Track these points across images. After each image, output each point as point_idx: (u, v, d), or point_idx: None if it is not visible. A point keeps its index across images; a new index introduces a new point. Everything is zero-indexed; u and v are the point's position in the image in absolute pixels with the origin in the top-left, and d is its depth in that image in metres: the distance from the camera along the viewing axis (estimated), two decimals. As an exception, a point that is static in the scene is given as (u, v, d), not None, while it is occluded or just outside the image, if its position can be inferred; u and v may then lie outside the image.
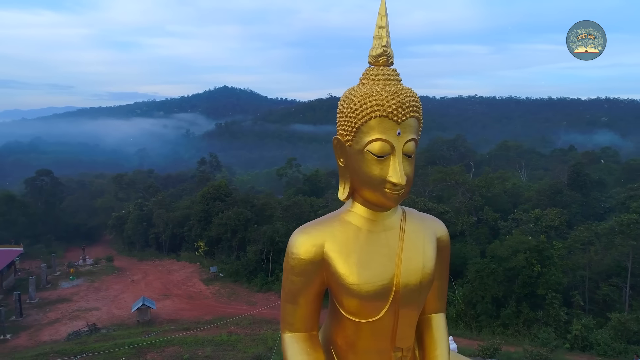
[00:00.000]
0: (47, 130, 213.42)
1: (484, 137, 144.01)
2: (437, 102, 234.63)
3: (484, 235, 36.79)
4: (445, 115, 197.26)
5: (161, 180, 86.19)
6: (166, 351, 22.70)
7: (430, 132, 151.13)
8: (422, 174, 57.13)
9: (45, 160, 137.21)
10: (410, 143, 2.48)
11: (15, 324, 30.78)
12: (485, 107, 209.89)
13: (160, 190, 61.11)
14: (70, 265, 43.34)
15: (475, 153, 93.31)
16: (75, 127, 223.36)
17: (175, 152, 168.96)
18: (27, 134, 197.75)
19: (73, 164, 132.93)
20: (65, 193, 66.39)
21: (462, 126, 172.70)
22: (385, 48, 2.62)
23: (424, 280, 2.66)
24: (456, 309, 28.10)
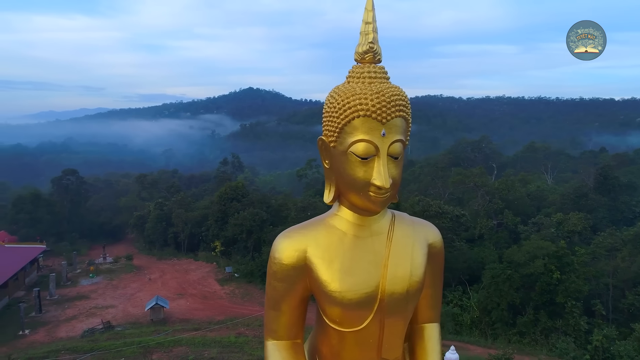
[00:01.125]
0: (79, 131, 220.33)
1: (511, 138, 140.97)
2: (463, 102, 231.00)
3: (504, 240, 35.74)
4: (472, 116, 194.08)
5: (185, 180, 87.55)
6: (174, 351, 22.77)
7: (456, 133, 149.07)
8: (443, 175, 56.24)
9: (76, 159, 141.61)
10: (396, 144, 2.37)
11: (34, 320, 31.54)
12: (513, 107, 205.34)
13: (181, 190, 61.90)
14: (91, 263, 44.29)
15: (500, 155, 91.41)
16: (105, 128, 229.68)
17: (201, 153, 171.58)
18: (60, 135, 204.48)
19: (102, 163, 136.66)
20: (90, 192, 68.08)
21: (489, 127, 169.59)
22: (372, 44, 2.51)
23: (411, 289, 2.54)
24: (470, 316, 27.29)
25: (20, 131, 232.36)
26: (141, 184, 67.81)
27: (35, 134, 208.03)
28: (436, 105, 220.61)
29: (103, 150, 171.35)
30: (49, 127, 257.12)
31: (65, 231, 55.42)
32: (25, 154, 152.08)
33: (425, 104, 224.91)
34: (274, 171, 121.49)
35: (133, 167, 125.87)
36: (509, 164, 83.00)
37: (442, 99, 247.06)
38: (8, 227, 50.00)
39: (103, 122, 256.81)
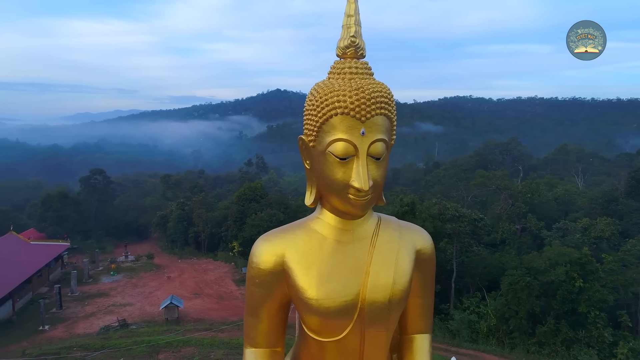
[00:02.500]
0: (112, 132, 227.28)
1: (543, 140, 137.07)
2: (493, 104, 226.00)
3: (527, 245, 34.41)
4: (502, 118, 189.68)
5: (210, 180, 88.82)
6: (182, 351, 22.81)
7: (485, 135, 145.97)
8: (466, 178, 54.91)
9: (108, 160, 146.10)
10: (377, 144, 2.22)
11: (54, 316, 32.34)
12: (546, 109, 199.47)
13: (203, 190, 62.64)
14: (112, 261, 45.24)
15: (530, 157, 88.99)
16: (137, 129, 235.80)
17: (228, 154, 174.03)
18: (94, 135, 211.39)
19: (133, 163, 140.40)
20: (117, 191, 69.83)
21: (520, 129, 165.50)
22: (354, 38, 2.37)
23: (394, 298, 2.39)
24: (487, 323, 26.30)
25: (57, 132, 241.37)
26: (166, 183, 69.05)
27: (71, 135, 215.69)
28: (465, 107, 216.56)
29: (134, 151, 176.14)
30: (84, 128, 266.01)
31: (91, 229, 56.96)
32: (60, 154, 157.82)
33: (453, 105, 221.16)
34: (300, 172, 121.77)
35: (162, 167, 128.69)
36: (539, 166, 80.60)
37: (472, 100, 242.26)
38: (37, 225, 51.74)
39: (135, 123, 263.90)
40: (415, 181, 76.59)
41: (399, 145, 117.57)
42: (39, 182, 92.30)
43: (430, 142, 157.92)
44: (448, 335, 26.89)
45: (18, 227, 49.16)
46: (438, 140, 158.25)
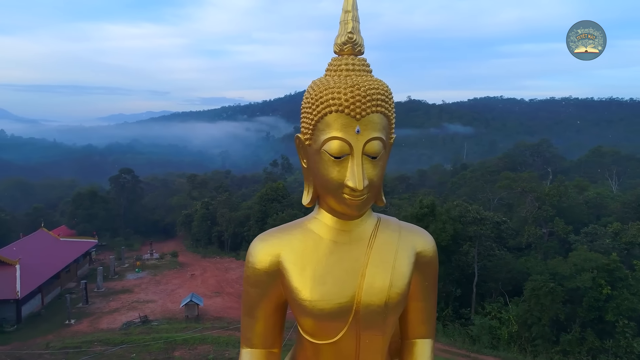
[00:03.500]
0: (144, 133, 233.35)
1: (577, 142, 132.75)
2: (525, 104, 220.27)
3: (553, 250, 33.23)
4: (534, 119, 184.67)
5: (237, 180, 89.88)
6: (197, 349, 23.09)
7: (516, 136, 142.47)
8: (493, 180, 53.60)
9: (139, 160, 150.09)
10: (373, 142, 2.18)
11: (80, 311, 33.31)
12: (581, 109, 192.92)
13: (228, 190, 63.37)
14: (138, 258, 46.27)
15: (562, 159, 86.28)
16: (167, 130, 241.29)
17: (255, 154, 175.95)
18: (127, 136, 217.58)
19: (163, 163, 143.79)
20: (146, 191, 71.44)
21: (553, 130, 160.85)
22: (351, 35, 2.32)
23: (390, 301, 2.33)
24: (508, 330, 25.51)
25: (91, 133, 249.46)
26: (192, 183, 70.18)
27: (105, 136, 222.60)
28: (495, 107, 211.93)
29: (164, 151, 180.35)
30: (118, 129, 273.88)
31: (120, 227, 58.48)
32: (94, 154, 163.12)
33: (483, 106, 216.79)
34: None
35: (191, 167, 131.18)
36: (571, 169, 78.04)
37: (502, 101, 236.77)
38: (68, 222, 53.49)
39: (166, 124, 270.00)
40: (442, 183, 75.45)
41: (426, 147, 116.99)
42: (74, 180, 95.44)
43: (458, 144, 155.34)
44: (468, 341, 26.25)
45: (51, 224, 51.03)
46: (467, 141, 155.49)
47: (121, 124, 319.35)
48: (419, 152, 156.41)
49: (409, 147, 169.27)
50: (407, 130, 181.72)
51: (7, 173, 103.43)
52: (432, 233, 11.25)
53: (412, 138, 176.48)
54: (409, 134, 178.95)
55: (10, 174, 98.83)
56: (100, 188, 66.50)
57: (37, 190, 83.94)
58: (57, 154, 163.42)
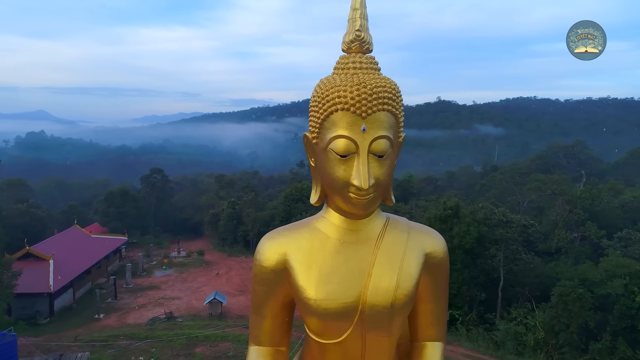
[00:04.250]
0: (175, 134, 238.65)
1: (616, 143, 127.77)
2: (560, 105, 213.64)
3: (585, 255, 32.04)
4: (570, 120, 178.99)
5: (264, 181, 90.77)
6: (218, 346, 23.37)
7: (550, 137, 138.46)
8: (522, 182, 52.22)
9: (171, 160, 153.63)
10: (380, 141, 2.17)
11: (109, 306, 34.31)
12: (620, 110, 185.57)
13: (254, 190, 64.05)
14: (166, 256, 47.34)
15: (598, 162, 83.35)
16: (198, 131, 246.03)
17: (283, 155, 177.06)
18: (159, 137, 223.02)
19: (193, 164, 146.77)
20: (175, 190, 73.04)
21: (590, 131, 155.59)
22: (359, 32, 2.32)
23: (397, 302, 2.31)
24: (534, 337, 24.76)
25: (126, 133, 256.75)
26: (219, 183, 71.25)
27: (138, 136, 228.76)
28: (529, 108, 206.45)
29: (195, 152, 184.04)
30: (150, 129, 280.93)
31: (149, 225, 59.98)
32: (128, 154, 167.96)
33: (516, 107, 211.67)
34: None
35: (220, 167, 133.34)
36: (608, 171, 75.21)
37: (536, 101, 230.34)
38: (100, 220, 55.23)
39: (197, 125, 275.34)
40: (471, 185, 74.13)
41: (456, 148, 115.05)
42: (107, 180, 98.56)
43: (489, 145, 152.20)
44: (492, 346, 25.64)
45: (85, 221, 52.84)
46: (498, 143, 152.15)
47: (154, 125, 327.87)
48: (449, 153, 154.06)
49: (438, 148, 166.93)
50: (437, 132, 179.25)
51: (46, 172, 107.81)
52: (455, 235, 11.28)
53: (442, 139, 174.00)
54: (439, 135, 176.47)
55: (49, 173, 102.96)
56: (132, 187, 68.42)
57: (73, 189, 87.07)
58: (93, 153, 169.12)
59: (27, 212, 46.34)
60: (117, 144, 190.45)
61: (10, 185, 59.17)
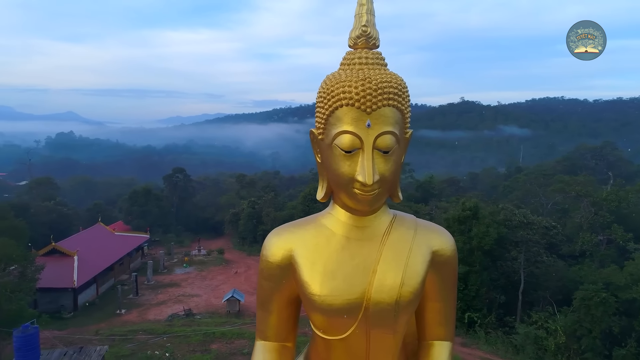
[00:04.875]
0: (199, 134, 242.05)
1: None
2: (588, 105, 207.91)
3: (610, 259, 31.11)
4: (599, 120, 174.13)
5: (285, 181, 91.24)
6: (234, 343, 23.61)
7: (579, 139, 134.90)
8: (547, 183, 51.05)
9: (194, 160, 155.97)
10: (385, 137, 2.16)
11: (131, 301, 35.01)
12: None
13: (274, 190, 64.43)
14: (186, 254, 48.06)
15: (628, 163, 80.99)
16: (221, 131, 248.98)
17: (305, 156, 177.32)
18: (183, 137, 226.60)
19: (216, 164, 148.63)
20: (197, 189, 74.08)
21: (620, 132, 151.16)
22: (365, 28, 2.33)
23: (402, 300, 2.29)
24: (555, 341, 24.13)
25: (151, 134, 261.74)
26: (240, 183, 71.95)
27: (163, 137, 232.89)
28: (556, 109, 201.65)
29: (218, 152, 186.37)
30: (175, 130, 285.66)
31: (171, 224, 60.98)
32: (153, 154, 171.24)
33: (542, 107, 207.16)
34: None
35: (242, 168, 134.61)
36: (638, 173, 72.87)
37: (564, 102, 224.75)
38: (124, 218, 56.44)
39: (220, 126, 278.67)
40: (494, 187, 72.95)
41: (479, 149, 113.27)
42: (133, 179, 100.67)
43: (514, 147, 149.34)
44: (511, 350, 25.15)
45: (110, 219, 54.09)
46: (524, 144, 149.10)
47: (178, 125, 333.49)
48: (472, 154, 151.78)
49: (461, 149, 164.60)
50: (459, 133, 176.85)
51: (74, 171, 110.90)
52: (474, 237, 11.20)
53: (465, 140, 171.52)
54: (462, 136, 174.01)
55: (77, 172, 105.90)
56: (155, 186, 69.73)
57: (100, 188, 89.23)
58: (119, 153, 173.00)
59: (54, 210, 47.72)
60: (143, 144, 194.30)
61: (39, 183, 61.05)
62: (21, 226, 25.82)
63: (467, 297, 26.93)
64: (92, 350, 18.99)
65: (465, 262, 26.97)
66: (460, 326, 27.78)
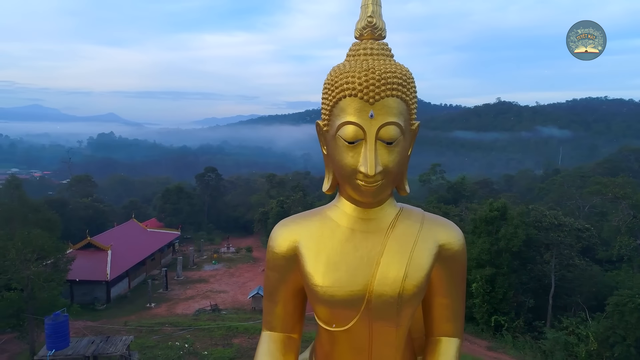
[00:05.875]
0: (233, 135, 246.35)
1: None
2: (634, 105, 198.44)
3: (650, 264, 29.65)
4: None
5: (315, 181, 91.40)
6: (256, 338, 23.67)
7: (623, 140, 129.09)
8: (584, 186, 49.16)
9: (227, 160, 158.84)
10: (389, 127, 2.14)
11: (160, 296, 35.99)
12: None
13: (303, 190, 64.77)
14: (215, 251, 48.99)
15: (677, 166, 76.71)
16: (254, 132, 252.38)
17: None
18: (217, 138, 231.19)
19: (249, 164, 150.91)
20: (228, 189, 75.41)
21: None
22: (371, 18, 2.31)
23: (405, 293, 2.26)
24: (587, 348, 23.15)
25: (187, 135, 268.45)
26: (270, 182, 72.69)
27: (198, 138, 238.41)
28: (598, 109, 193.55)
29: (251, 153, 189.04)
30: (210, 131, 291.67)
31: (203, 222, 62.31)
32: (188, 154, 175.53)
33: (584, 108, 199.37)
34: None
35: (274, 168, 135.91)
36: (688, 177, 69.09)
37: (607, 102, 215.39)
38: (158, 215, 58.08)
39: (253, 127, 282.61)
40: (530, 189, 70.86)
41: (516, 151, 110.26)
42: (168, 178, 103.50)
43: (553, 148, 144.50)
44: (539, 356, 24.31)
45: (144, 216, 55.79)
46: (563, 145, 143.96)
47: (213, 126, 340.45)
48: (508, 156, 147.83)
49: (497, 151, 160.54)
50: (495, 134, 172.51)
51: (113, 170, 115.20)
52: (502, 238, 11.06)
53: (501, 142, 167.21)
54: (497, 138, 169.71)
55: (116, 171, 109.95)
56: (189, 185, 71.46)
57: (136, 186, 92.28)
58: (156, 154, 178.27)
59: (90, 206, 49.66)
60: (179, 144, 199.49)
61: (79, 181, 63.64)
62: (54, 219, 27.02)
63: (494, 299, 26.23)
64: (117, 339, 19.65)
65: (492, 264, 26.30)
66: (487, 330, 27.11)
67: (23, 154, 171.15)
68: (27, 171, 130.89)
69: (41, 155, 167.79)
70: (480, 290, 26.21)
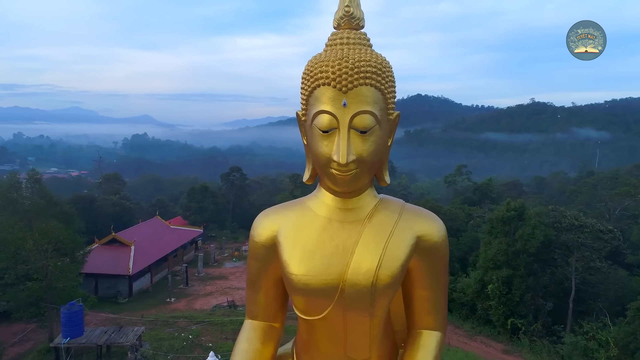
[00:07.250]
0: (262, 136, 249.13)
1: None
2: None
3: (681, 269, 28.24)
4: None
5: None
6: (266, 334, 24.06)
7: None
8: (614, 188, 47.22)
9: (256, 161, 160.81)
10: (363, 116, 2.14)
11: (181, 291, 36.75)
12: None
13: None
14: (236, 249, 49.63)
15: None
16: (283, 133, 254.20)
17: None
18: (247, 139, 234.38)
19: (277, 165, 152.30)
20: (254, 188, 76.35)
21: None
22: (348, 8, 2.32)
23: (379, 283, 2.26)
24: (607, 354, 22.22)
25: (217, 136, 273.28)
26: (294, 183, 73.15)
27: (229, 139, 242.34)
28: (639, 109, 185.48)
29: (279, 154, 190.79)
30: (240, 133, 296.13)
31: (227, 220, 63.29)
32: (218, 155, 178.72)
33: (624, 108, 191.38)
34: (435, 178, 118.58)
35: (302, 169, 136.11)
36: None
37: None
38: (183, 213, 59.38)
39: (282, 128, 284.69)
40: (562, 192, 68.65)
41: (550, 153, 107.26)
42: (197, 178, 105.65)
43: (590, 150, 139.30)
44: (557, 361, 23.54)
45: (171, 214, 57.15)
46: (600, 147, 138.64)
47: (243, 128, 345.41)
48: (542, 158, 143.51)
49: (530, 153, 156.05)
50: (528, 135, 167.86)
51: (146, 170, 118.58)
52: (519, 238, 10.99)
53: (535, 143, 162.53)
54: (530, 139, 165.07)
55: (149, 171, 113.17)
56: (215, 185, 72.76)
57: (166, 185, 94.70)
58: (187, 154, 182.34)
59: (117, 203, 51.23)
60: (209, 145, 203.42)
61: (108, 179, 65.81)
62: (71, 212, 27.95)
63: (511, 302, 25.54)
64: (129, 330, 20.23)
65: (508, 265, 25.63)
66: (503, 332, 26.45)
67: (62, 154, 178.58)
68: (65, 170, 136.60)
69: (79, 155, 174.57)
70: (496, 292, 25.59)
